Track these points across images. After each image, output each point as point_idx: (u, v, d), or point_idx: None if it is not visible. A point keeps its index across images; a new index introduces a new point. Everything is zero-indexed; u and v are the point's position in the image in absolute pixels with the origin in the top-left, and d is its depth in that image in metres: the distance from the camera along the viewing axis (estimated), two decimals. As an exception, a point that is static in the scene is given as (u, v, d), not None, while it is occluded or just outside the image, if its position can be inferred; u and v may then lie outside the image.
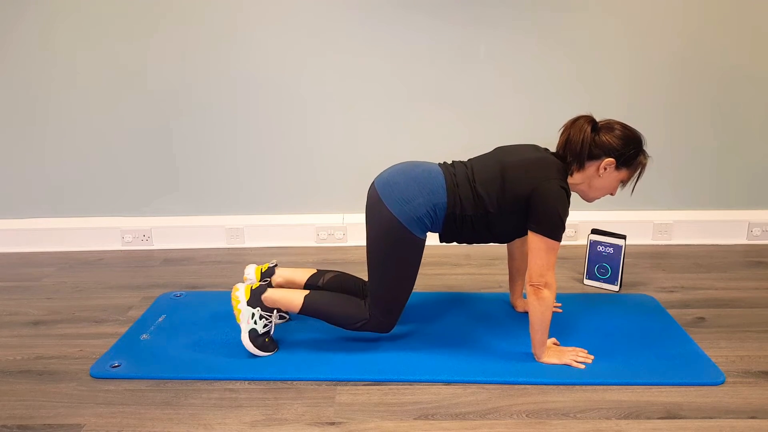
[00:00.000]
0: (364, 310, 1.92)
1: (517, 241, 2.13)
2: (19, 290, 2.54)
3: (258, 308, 1.93)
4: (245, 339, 1.91)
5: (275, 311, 1.98)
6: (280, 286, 2.13)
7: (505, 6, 2.73)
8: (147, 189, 3.00)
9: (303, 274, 2.14)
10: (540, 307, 1.81)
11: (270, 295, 1.94)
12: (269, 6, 2.74)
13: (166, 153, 2.95)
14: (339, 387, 1.79)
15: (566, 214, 1.79)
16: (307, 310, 1.94)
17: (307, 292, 1.96)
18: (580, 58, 2.80)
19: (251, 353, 1.92)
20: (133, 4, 2.73)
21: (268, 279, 2.13)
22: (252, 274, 2.16)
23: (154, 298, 2.41)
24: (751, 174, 2.95)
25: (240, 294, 1.93)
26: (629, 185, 1.91)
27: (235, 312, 1.93)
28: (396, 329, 2.08)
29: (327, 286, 2.10)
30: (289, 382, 1.82)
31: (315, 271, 2.15)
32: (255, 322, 1.92)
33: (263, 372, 1.85)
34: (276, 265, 2.18)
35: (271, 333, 1.98)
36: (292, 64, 2.82)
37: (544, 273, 1.78)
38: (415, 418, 1.65)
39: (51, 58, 2.80)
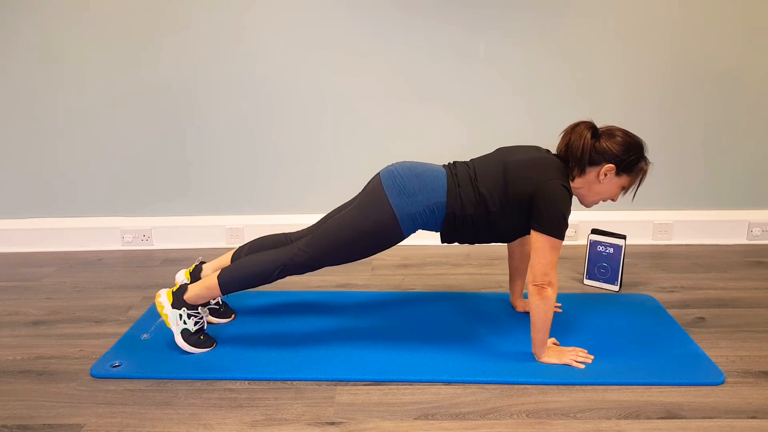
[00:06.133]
0: (279, 255, 1.90)
1: (518, 241, 2.14)
2: (19, 290, 2.54)
3: (183, 308, 1.94)
4: (179, 340, 1.94)
5: (204, 307, 1.99)
6: None
7: (505, 8, 2.73)
8: (147, 189, 3.00)
9: (227, 257, 2.14)
10: (543, 306, 1.81)
11: (191, 292, 1.94)
12: (270, 8, 2.74)
13: (166, 153, 2.94)
14: (339, 387, 1.79)
15: (569, 213, 1.80)
16: (225, 287, 1.93)
17: (218, 272, 1.96)
18: (578, 60, 2.80)
19: (187, 351, 1.94)
20: (137, 7, 2.73)
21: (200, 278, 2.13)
22: (182, 278, 2.16)
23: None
24: (751, 174, 2.95)
25: (163, 300, 1.95)
26: (630, 191, 1.91)
27: (162, 317, 1.95)
28: (396, 329, 2.08)
29: (251, 251, 2.09)
30: (289, 382, 1.82)
31: (236, 248, 2.16)
32: (184, 322, 1.94)
33: (263, 372, 1.85)
34: (203, 263, 2.18)
35: (204, 329, 1.99)
36: (293, 65, 2.82)
37: (548, 272, 1.79)
38: (415, 418, 1.65)
39: (53, 58, 2.80)
